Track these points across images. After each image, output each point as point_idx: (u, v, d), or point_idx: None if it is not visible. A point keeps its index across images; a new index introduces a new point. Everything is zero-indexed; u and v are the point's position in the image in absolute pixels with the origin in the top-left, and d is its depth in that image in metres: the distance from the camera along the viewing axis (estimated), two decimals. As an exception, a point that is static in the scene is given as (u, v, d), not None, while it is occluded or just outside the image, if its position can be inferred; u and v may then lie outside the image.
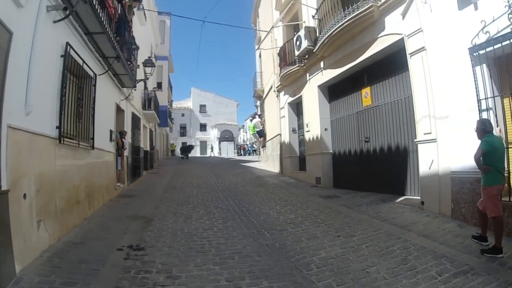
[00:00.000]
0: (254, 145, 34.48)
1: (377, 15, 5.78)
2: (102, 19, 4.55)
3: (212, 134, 38.70)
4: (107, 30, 4.84)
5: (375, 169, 6.55)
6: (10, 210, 2.66)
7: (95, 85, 5.32)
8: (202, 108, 39.25)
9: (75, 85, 4.63)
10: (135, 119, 9.46)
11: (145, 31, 11.44)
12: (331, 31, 6.64)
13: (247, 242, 3.86)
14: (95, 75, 5.31)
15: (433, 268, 2.88)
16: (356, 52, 6.55)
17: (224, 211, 5.64)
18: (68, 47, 4.09)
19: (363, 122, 6.93)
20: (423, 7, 4.83)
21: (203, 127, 39.36)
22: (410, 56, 5.12)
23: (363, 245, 3.60)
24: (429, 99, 4.74)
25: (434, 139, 4.66)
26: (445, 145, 4.49)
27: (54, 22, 3.70)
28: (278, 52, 10.49)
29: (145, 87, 11.49)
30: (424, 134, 4.87)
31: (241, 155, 32.71)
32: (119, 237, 4.02)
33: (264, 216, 5.17)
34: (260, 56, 16.42)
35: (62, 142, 3.95)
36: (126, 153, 7.98)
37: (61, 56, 4.00)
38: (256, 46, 17.07)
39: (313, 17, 7.93)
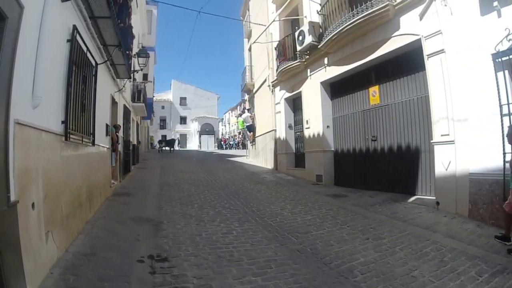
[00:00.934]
0: (236, 139, 34.28)
1: (392, 15, 5.73)
2: (110, 1, 4.07)
3: (192, 127, 37.85)
4: (114, 14, 4.34)
5: (382, 168, 6.59)
6: (19, 224, 2.20)
7: (95, 75, 4.79)
8: (183, 100, 38.12)
9: (79, 74, 4.10)
10: (126, 112, 8.83)
11: (135, 20, 10.66)
12: (341, 27, 6.52)
13: (275, 248, 3.66)
14: (96, 64, 4.79)
15: (471, 269, 2.91)
16: (366, 50, 6.49)
17: (234, 212, 5.39)
18: (75, 31, 3.59)
19: (370, 121, 6.93)
20: (443, 10, 4.82)
21: (183, 120, 38.31)
22: (428, 57, 5.11)
23: (396, 248, 3.55)
24: (448, 101, 4.78)
25: (452, 141, 4.71)
26: (463, 147, 4.53)
27: (62, 1, 3.21)
28: (275, 46, 10.24)
29: (134, 79, 10.79)
30: (442, 135, 4.91)
31: (222, 148, 32.30)
32: (133, 245, 3.65)
33: (279, 218, 5.00)
34: (250, 50, 16.05)
35: (68, 139, 3.48)
36: (119, 148, 7.43)
37: (67, 40, 3.49)
38: (246, 40, 16.68)
39: (318, 12, 7.77)
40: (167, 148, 22.27)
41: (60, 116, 3.36)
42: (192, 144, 36.48)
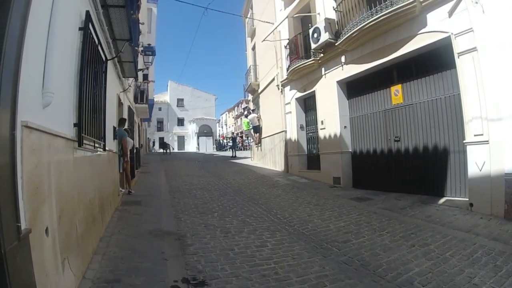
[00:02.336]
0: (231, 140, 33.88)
1: (418, 11, 5.47)
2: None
3: (190, 129, 37.25)
4: (128, 4, 3.91)
5: (406, 169, 6.30)
6: (33, 259, 1.68)
7: (105, 72, 4.34)
8: (180, 102, 37.46)
9: (90, 70, 3.61)
10: (131, 114, 8.35)
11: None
12: (363, 24, 6.20)
13: (320, 261, 3.30)
14: (106, 59, 4.34)
15: (527, 272, 2.72)
16: (388, 48, 6.19)
17: (259, 220, 4.98)
18: (88, 18, 3.14)
19: (392, 121, 6.62)
20: (473, 7, 4.61)
21: (180, 122, 37.63)
22: (459, 56, 4.86)
23: (446, 254, 3.28)
24: (481, 100, 4.55)
25: (486, 141, 4.50)
26: (498, 147, 4.36)
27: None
28: (286, 44, 9.87)
29: (136, 79, 10.29)
30: (475, 135, 4.69)
31: (220, 150, 31.83)
32: (161, 265, 3.16)
33: (310, 225, 4.62)
34: (253, 49, 15.66)
35: (81, 144, 2.98)
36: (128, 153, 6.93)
37: (80, 28, 3.05)
38: (249, 39, 16.29)
39: (334, 8, 7.43)
40: (161, 150, 22.82)
41: (72, 118, 2.85)
42: (190, 146, 35.88)
